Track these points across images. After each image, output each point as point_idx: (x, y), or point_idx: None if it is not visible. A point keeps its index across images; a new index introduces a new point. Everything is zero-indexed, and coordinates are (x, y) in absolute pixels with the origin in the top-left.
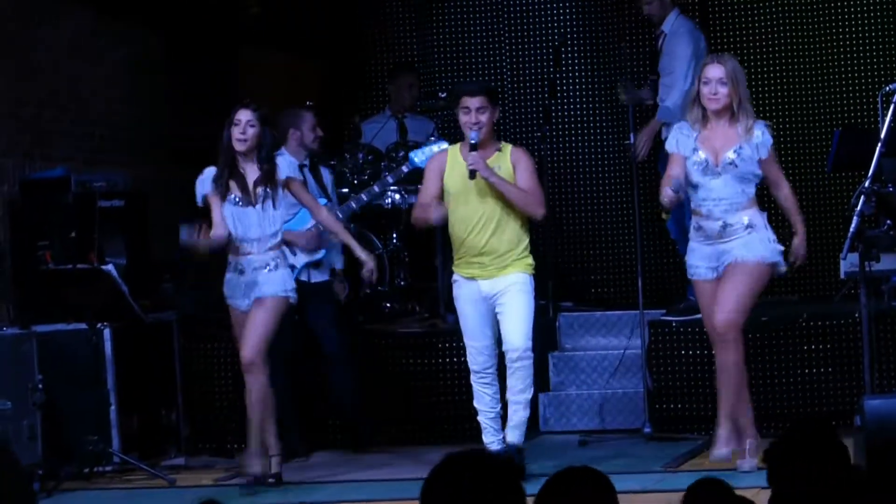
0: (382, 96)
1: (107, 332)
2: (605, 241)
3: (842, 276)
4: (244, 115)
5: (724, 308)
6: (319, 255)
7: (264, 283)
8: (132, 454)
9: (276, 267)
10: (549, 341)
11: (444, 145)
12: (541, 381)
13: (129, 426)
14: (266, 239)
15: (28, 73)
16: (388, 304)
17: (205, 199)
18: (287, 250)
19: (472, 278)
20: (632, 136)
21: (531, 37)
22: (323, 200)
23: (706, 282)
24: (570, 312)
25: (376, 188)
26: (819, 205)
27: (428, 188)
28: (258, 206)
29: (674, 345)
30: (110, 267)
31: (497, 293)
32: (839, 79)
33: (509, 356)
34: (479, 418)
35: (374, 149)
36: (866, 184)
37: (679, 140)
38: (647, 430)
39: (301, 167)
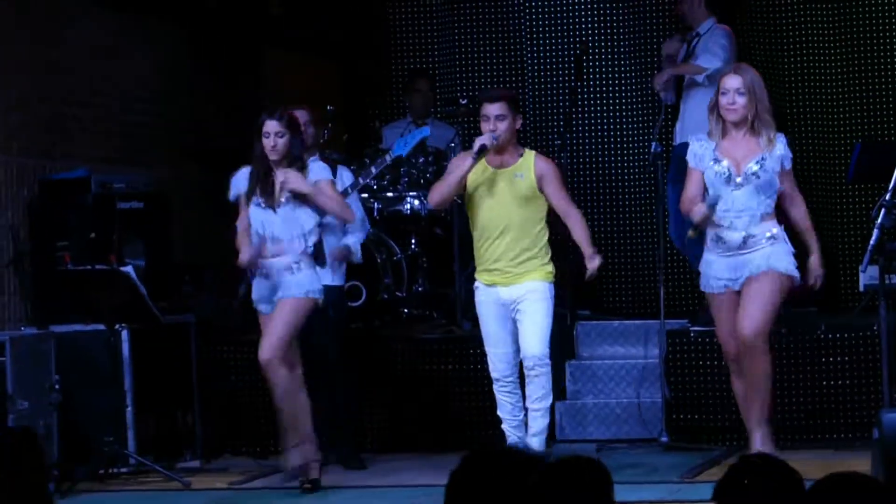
0: (404, 101)
1: (125, 334)
2: (624, 249)
3: (861, 288)
4: (272, 127)
5: (751, 316)
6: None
7: (288, 284)
8: (148, 456)
9: (301, 268)
10: (566, 350)
11: (427, 133)
12: (557, 389)
13: (146, 428)
14: (291, 242)
15: (51, 71)
16: (406, 310)
17: (237, 197)
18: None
19: (493, 285)
20: (654, 143)
21: (553, 43)
22: None
23: (724, 294)
24: (588, 321)
25: (360, 179)
26: (839, 216)
27: None
28: (281, 210)
29: (692, 355)
30: (129, 268)
31: (516, 300)
32: (861, 91)
33: (526, 364)
34: (502, 426)
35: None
36: (887, 197)
37: (697, 153)
38: (664, 439)
39: None
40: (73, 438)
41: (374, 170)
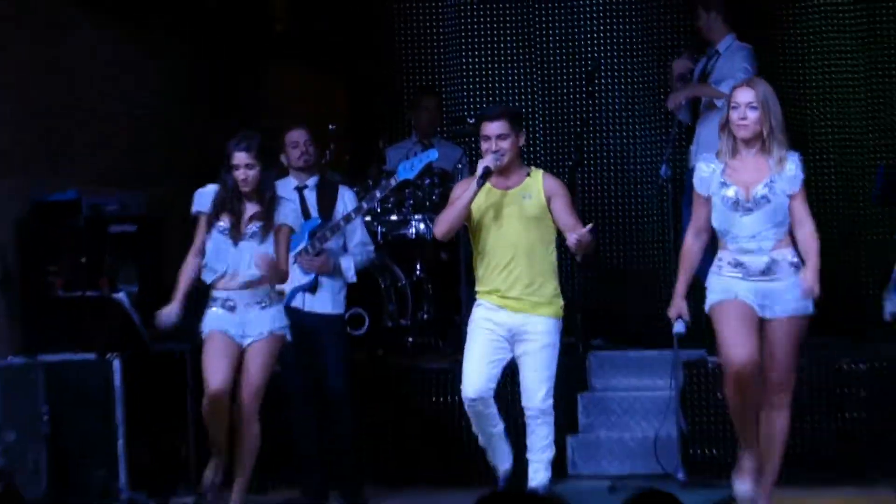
0: (409, 119)
1: (116, 363)
2: (639, 275)
3: (886, 317)
4: (241, 159)
5: (783, 367)
6: (310, 276)
7: (260, 319)
8: (140, 490)
9: (271, 303)
10: (578, 381)
11: (434, 157)
12: (569, 422)
13: (138, 460)
14: (251, 274)
15: (47, 85)
16: (411, 338)
17: (198, 213)
18: None
19: (502, 307)
20: (663, 167)
21: (564, 61)
22: (316, 221)
23: (743, 304)
24: (601, 351)
25: (364, 204)
26: (863, 240)
27: None
28: (244, 242)
29: (710, 387)
30: (122, 295)
31: (524, 333)
32: (885, 108)
33: (528, 413)
34: (480, 442)
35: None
36: None
37: (703, 178)
38: (680, 475)
39: (301, 189)
40: (63, 471)
41: (378, 194)
